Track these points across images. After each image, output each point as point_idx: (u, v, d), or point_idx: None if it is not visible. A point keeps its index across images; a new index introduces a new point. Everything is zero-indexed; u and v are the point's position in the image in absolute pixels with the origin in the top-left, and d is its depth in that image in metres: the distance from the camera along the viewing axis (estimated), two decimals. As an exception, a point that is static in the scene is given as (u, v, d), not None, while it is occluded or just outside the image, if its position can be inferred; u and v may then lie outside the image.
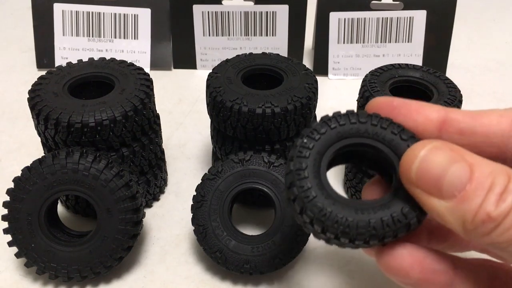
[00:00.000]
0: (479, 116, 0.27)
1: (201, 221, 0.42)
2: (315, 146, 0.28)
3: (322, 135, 0.28)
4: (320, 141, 0.28)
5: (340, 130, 0.28)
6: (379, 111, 0.29)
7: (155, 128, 0.48)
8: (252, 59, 0.50)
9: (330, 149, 0.28)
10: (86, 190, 0.40)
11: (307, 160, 0.27)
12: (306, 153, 0.27)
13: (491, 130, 0.26)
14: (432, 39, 0.72)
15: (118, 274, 0.44)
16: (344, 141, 0.28)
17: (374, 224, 0.25)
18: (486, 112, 0.27)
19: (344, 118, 0.28)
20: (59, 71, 0.48)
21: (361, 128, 0.28)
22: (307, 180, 0.27)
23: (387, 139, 0.28)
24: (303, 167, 0.27)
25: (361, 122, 0.28)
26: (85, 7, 0.72)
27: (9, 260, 0.45)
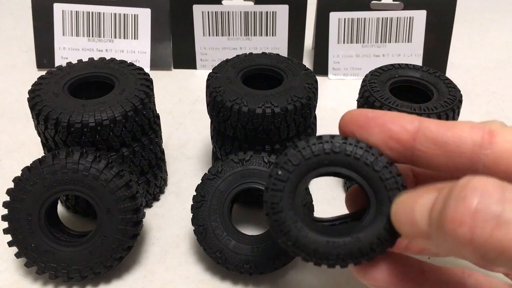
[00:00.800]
0: (451, 127, 0.28)
1: (201, 221, 0.42)
2: (289, 179, 0.29)
3: (296, 166, 0.29)
4: (294, 173, 0.29)
5: (314, 161, 0.29)
6: (355, 123, 0.30)
7: (155, 128, 0.48)
8: (252, 59, 0.50)
9: (305, 178, 0.29)
10: (86, 190, 0.40)
11: (282, 194, 0.29)
12: (281, 186, 0.29)
13: (462, 141, 0.27)
14: (432, 39, 0.72)
15: (118, 274, 0.44)
16: (319, 170, 0.29)
17: (343, 254, 0.28)
18: (459, 123, 0.28)
19: (318, 147, 0.29)
20: (59, 71, 0.48)
21: (334, 158, 0.29)
22: (281, 214, 0.28)
23: (360, 170, 0.29)
24: (277, 201, 0.29)
25: (335, 152, 0.29)
26: (85, 7, 0.72)
27: (9, 260, 0.45)
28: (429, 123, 0.28)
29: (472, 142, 0.27)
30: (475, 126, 0.27)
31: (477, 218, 0.21)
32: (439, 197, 0.24)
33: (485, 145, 0.26)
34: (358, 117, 0.30)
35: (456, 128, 0.27)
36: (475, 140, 0.27)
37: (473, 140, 0.27)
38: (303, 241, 0.28)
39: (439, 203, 0.23)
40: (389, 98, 0.46)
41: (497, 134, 0.26)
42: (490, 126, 0.27)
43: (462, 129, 0.27)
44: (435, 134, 0.28)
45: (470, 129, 0.27)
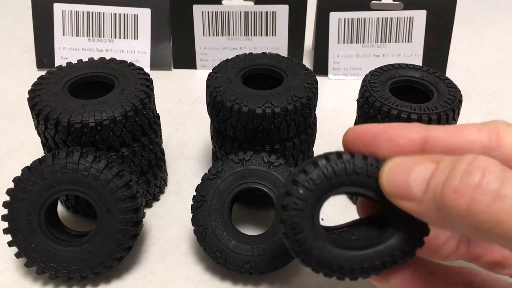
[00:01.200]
0: (458, 132, 0.28)
1: (201, 221, 0.42)
2: (310, 198, 0.28)
3: (317, 186, 0.28)
4: (315, 192, 0.28)
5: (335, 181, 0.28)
6: (361, 141, 0.30)
7: (155, 128, 0.48)
8: (252, 59, 0.50)
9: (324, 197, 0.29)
10: (86, 190, 0.40)
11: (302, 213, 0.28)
12: (301, 205, 0.28)
13: (471, 145, 0.27)
14: (432, 39, 0.72)
15: (118, 274, 0.44)
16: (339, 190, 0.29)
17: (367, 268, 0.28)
18: (465, 127, 0.28)
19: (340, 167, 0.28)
20: (59, 71, 0.48)
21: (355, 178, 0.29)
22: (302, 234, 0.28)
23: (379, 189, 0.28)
24: (298, 221, 0.28)
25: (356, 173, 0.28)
26: (85, 7, 0.72)
27: (9, 260, 0.45)
28: (435, 131, 0.28)
29: (481, 145, 0.27)
30: (482, 128, 0.27)
31: (478, 191, 0.23)
32: (440, 168, 0.25)
33: (493, 147, 0.27)
34: (363, 135, 0.30)
35: (464, 132, 0.28)
36: (483, 143, 0.27)
37: (482, 143, 0.27)
38: (327, 258, 0.28)
39: (440, 174, 0.24)
40: (389, 98, 0.46)
41: (504, 134, 0.27)
42: (496, 127, 0.27)
43: (470, 133, 0.27)
44: (443, 142, 0.28)
45: (477, 132, 0.27)
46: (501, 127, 0.27)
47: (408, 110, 0.45)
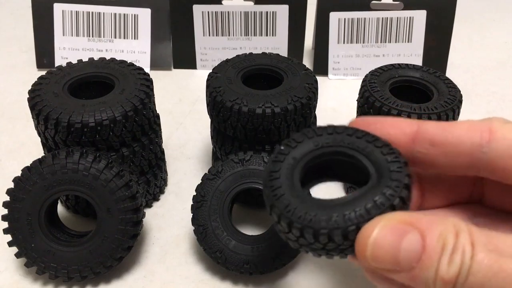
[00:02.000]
0: (449, 128, 0.28)
1: (201, 221, 0.42)
2: (291, 152, 0.29)
3: (299, 143, 0.29)
4: (296, 149, 0.29)
5: (317, 140, 0.29)
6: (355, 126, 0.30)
7: (155, 128, 0.48)
8: (252, 59, 0.50)
9: (306, 156, 0.29)
10: (86, 190, 0.40)
11: (281, 164, 0.28)
12: (281, 158, 0.29)
13: (460, 142, 0.27)
14: (432, 39, 0.72)
15: (118, 274, 0.44)
16: (320, 150, 0.29)
17: (336, 218, 0.25)
18: (457, 123, 0.28)
19: (321, 130, 0.30)
20: (59, 71, 0.48)
21: (337, 138, 0.29)
22: (278, 180, 0.28)
23: (361, 146, 0.29)
24: (276, 169, 0.28)
25: (337, 132, 0.29)
26: (85, 7, 0.72)
27: (9, 260, 0.45)
28: (427, 125, 0.28)
29: (471, 142, 0.27)
30: (473, 125, 0.27)
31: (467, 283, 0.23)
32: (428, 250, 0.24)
33: (483, 144, 0.27)
34: (358, 122, 0.31)
35: (454, 128, 0.28)
36: (473, 140, 0.27)
37: (471, 140, 0.27)
38: (295, 205, 0.26)
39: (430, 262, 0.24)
40: (389, 98, 0.46)
41: (496, 132, 0.27)
42: (491, 124, 0.27)
43: (460, 129, 0.28)
44: (433, 136, 0.28)
45: (467, 129, 0.27)
46: (495, 124, 0.27)
47: (408, 110, 0.45)
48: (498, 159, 0.27)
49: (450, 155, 0.28)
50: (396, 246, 0.25)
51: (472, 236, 0.24)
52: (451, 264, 0.23)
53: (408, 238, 0.24)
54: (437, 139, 0.28)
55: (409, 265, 0.24)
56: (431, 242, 0.24)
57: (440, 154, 0.28)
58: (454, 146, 0.28)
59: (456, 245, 0.24)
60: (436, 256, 0.24)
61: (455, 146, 0.28)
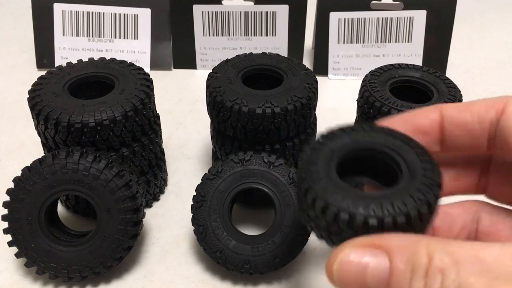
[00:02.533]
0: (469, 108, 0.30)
1: (201, 221, 0.42)
2: (328, 144, 0.29)
3: (337, 136, 0.30)
4: (333, 141, 0.29)
5: (354, 135, 0.30)
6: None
7: (155, 128, 0.48)
8: (252, 59, 0.50)
9: (343, 148, 0.29)
10: (86, 190, 0.40)
11: (319, 153, 0.29)
12: (319, 147, 0.29)
13: (480, 118, 0.29)
14: (432, 39, 0.72)
15: (118, 274, 0.44)
16: (357, 144, 0.29)
17: (373, 207, 0.25)
18: (475, 102, 0.30)
19: (359, 126, 0.30)
20: (59, 71, 0.48)
21: (373, 135, 0.30)
22: (316, 166, 0.28)
23: (397, 145, 0.29)
24: (313, 158, 0.28)
25: (374, 130, 0.30)
26: (85, 7, 0.72)
27: (9, 260, 0.45)
28: (448, 109, 0.30)
29: (490, 121, 0.29)
30: (490, 103, 0.29)
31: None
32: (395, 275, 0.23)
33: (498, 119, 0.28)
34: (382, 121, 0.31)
35: (474, 109, 0.29)
36: (491, 118, 0.28)
37: (490, 119, 0.29)
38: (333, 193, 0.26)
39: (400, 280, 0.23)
40: (389, 98, 0.46)
41: (507, 108, 0.28)
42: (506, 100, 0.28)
43: (479, 109, 0.29)
44: (457, 119, 0.30)
45: (485, 107, 0.29)
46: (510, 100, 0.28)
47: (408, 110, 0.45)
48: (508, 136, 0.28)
49: (473, 133, 0.29)
50: (362, 270, 0.24)
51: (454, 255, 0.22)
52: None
53: (375, 262, 0.24)
54: (461, 122, 0.29)
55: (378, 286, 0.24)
56: (398, 265, 0.23)
57: (465, 133, 0.30)
58: (475, 124, 0.29)
59: (430, 268, 0.22)
60: (404, 281, 0.23)
61: (476, 124, 0.29)
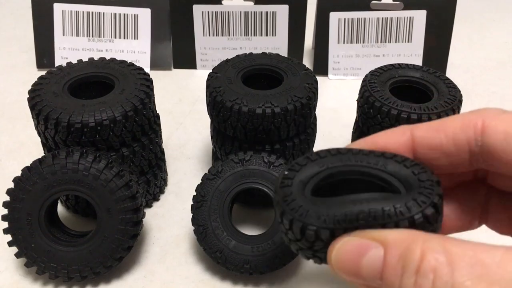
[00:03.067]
0: (442, 127, 0.27)
1: (201, 221, 0.42)
2: (297, 176, 0.27)
3: (303, 166, 0.28)
4: (301, 172, 0.28)
5: (322, 161, 0.28)
6: None
7: (155, 128, 0.48)
8: (252, 59, 0.50)
9: (314, 178, 0.27)
10: (86, 190, 0.40)
11: (291, 188, 0.27)
12: (289, 182, 0.27)
13: (456, 139, 0.27)
14: (432, 39, 0.72)
15: (118, 274, 0.44)
16: (326, 171, 0.28)
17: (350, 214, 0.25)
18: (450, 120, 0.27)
19: (325, 152, 0.28)
20: (59, 71, 0.48)
21: (343, 158, 0.28)
22: (290, 188, 0.27)
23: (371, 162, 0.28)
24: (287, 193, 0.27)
25: (341, 153, 0.28)
26: (85, 7, 0.72)
27: (9, 260, 0.45)
28: (419, 130, 0.28)
29: (466, 138, 0.27)
30: (466, 121, 0.27)
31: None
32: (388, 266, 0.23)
33: (478, 138, 0.26)
34: (350, 145, 0.30)
35: (447, 128, 0.27)
36: (468, 135, 0.27)
37: (466, 136, 0.27)
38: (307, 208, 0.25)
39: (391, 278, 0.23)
40: (389, 98, 0.46)
41: (488, 125, 0.26)
42: (484, 116, 0.26)
43: (454, 128, 0.27)
44: (429, 140, 0.27)
45: (461, 126, 0.27)
46: (488, 116, 0.26)
47: (408, 110, 0.45)
48: (493, 153, 0.26)
49: (449, 155, 0.27)
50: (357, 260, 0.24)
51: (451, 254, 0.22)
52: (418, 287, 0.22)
53: (371, 254, 0.24)
54: (434, 144, 0.27)
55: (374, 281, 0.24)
56: (391, 260, 0.23)
57: (440, 155, 0.28)
58: (451, 145, 0.27)
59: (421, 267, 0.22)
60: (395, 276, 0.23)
61: (452, 145, 0.27)
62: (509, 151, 0.25)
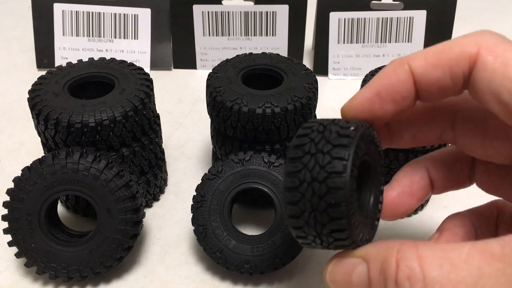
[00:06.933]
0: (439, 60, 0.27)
1: (201, 221, 0.42)
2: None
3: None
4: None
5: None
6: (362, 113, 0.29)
7: (155, 128, 0.48)
8: (252, 59, 0.50)
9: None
10: (86, 190, 0.40)
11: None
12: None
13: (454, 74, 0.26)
14: (432, 39, 0.72)
15: (118, 274, 0.44)
16: None
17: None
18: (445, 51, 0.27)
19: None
20: (59, 71, 0.48)
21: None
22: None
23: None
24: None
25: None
26: (85, 7, 0.72)
27: (9, 260, 0.45)
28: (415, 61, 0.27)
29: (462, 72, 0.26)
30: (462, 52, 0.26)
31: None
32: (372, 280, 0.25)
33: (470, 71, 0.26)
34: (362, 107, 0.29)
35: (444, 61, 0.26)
36: (464, 69, 0.26)
37: (463, 70, 0.26)
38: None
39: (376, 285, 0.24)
40: (389, 98, 0.46)
41: (479, 59, 0.25)
42: (479, 46, 0.26)
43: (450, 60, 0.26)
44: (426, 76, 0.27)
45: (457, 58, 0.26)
46: (483, 46, 0.25)
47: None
48: (478, 89, 0.26)
49: (446, 87, 0.27)
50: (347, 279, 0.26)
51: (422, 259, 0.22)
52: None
53: (357, 271, 0.25)
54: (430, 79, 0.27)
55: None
56: (374, 275, 0.24)
57: (436, 89, 0.27)
58: (448, 80, 0.27)
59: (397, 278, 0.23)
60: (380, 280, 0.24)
61: (448, 79, 0.27)
62: (489, 92, 0.25)
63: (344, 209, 0.25)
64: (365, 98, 0.29)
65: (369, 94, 0.28)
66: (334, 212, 0.25)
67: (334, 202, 0.25)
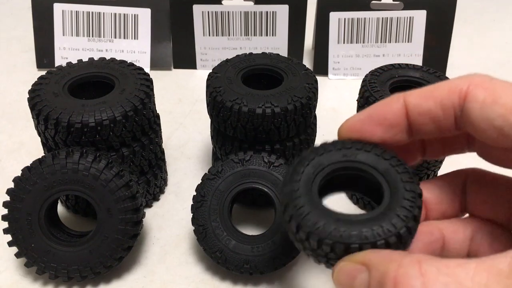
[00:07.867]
0: (432, 93, 0.28)
1: (201, 221, 0.42)
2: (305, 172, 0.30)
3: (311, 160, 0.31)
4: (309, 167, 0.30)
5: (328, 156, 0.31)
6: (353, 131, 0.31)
7: (155, 128, 0.48)
8: (252, 59, 0.50)
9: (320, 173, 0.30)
10: (86, 190, 0.40)
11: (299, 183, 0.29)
12: (297, 177, 0.30)
13: (443, 104, 0.28)
14: (432, 39, 0.72)
15: (118, 274, 0.44)
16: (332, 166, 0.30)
17: (366, 234, 0.27)
18: (439, 85, 0.28)
19: (331, 146, 0.31)
20: (59, 71, 0.48)
21: (347, 153, 0.31)
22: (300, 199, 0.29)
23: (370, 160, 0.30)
24: (295, 189, 0.29)
25: (346, 147, 0.31)
26: (85, 7, 0.72)
27: (9, 260, 0.45)
28: (411, 97, 0.29)
29: (452, 104, 0.27)
30: (453, 87, 0.27)
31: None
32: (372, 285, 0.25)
33: (461, 104, 0.27)
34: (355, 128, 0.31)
35: (436, 94, 0.28)
36: (454, 102, 0.27)
37: (453, 103, 0.27)
38: (323, 222, 0.27)
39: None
40: (389, 98, 0.46)
41: (469, 93, 0.27)
42: (469, 82, 0.27)
43: (442, 93, 0.28)
44: (420, 107, 0.29)
45: (448, 92, 0.28)
46: (473, 82, 0.27)
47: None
48: (470, 121, 0.27)
49: (438, 120, 0.28)
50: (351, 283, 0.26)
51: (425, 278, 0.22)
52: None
53: (359, 278, 0.26)
54: (422, 109, 0.28)
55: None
56: (373, 282, 0.24)
57: (429, 121, 0.29)
58: (439, 111, 0.28)
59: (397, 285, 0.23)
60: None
61: (439, 111, 0.28)
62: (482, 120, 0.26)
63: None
64: (358, 119, 0.31)
65: (362, 116, 0.31)
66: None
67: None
